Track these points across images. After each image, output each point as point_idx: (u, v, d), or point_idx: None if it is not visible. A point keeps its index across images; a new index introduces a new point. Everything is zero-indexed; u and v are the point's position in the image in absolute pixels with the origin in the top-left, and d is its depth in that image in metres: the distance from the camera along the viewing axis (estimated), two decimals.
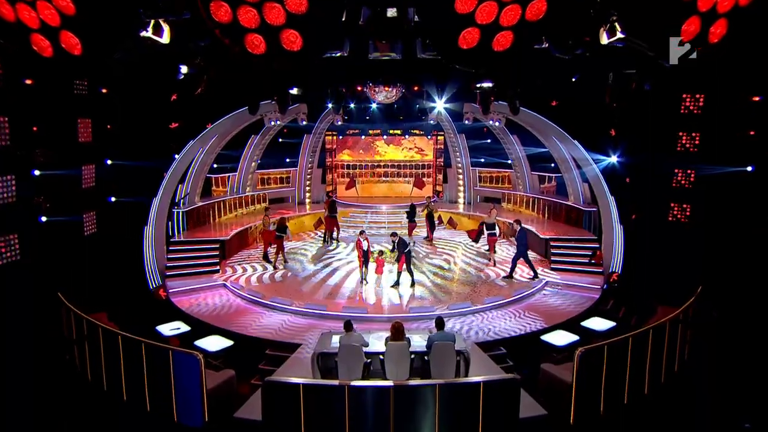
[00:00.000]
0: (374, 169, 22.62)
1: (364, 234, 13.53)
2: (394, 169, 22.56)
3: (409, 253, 13.16)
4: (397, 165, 22.49)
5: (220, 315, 11.48)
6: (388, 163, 22.52)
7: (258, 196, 19.84)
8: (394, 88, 16.17)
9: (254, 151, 19.43)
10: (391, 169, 22.57)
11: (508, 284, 13.20)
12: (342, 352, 8.02)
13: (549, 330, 10.22)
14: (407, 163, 22.42)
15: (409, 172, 22.48)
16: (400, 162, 22.46)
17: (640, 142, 13.50)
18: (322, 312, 11.40)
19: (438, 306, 11.70)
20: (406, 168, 22.49)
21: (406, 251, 13.03)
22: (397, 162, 22.48)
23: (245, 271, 14.63)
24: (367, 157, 22.52)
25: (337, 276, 14.08)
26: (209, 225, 17.11)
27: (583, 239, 15.18)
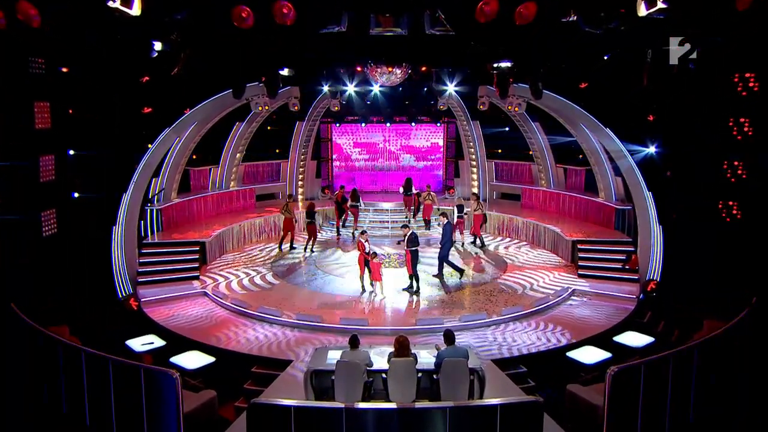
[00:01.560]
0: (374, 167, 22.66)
1: (365, 234, 13.53)
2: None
3: (416, 252, 13.12)
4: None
5: (199, 328, 11.47)
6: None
7: (244, 191, 19.86)
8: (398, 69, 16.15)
9: (239, 140, 19.41)
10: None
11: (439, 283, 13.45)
12: (339, 370, 7.98)
13: (576, 346, 10.17)
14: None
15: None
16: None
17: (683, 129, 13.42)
18: (316, 324, 11.38)
19: (448, 317, 11.67)
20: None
21: (413, 249, 12.99)
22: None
23: (229, 277, 14.63)
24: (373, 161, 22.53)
25: (334, 282, 14.07)
26: (188, 225, 17.11)
27: (616, 241, 15.14)
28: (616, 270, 14.11)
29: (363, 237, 13.36)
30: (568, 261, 15.65)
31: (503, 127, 21.10)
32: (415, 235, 13.20)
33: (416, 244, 13.12)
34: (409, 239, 13.13)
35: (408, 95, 21.29)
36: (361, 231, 13.69)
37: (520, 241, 18.07)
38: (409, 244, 13.08)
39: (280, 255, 16.33)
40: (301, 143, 21.27)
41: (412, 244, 13.04)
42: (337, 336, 10.86)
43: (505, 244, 17.76)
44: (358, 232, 15.79)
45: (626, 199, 15.87)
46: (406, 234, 13.20)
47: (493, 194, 21.26)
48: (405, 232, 13.26)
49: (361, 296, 13.11)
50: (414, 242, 13.08)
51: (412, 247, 13.04)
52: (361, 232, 13.64)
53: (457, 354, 8.08)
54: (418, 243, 13.21)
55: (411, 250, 13.05)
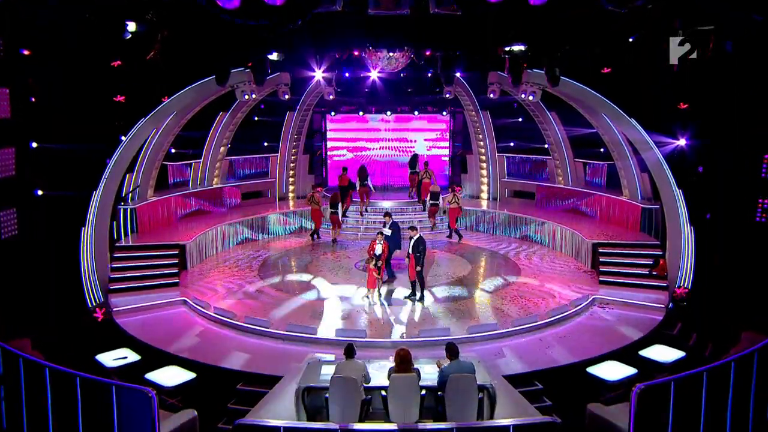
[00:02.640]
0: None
1: (381, 236, 13.52)
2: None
3: (422, 255, 13.06)
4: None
5: (178, 340, 11.45)
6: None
7: (228, 189, 19.82)
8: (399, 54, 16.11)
9: (223, 132, 19.38)
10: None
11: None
12: (334, 387, 7.95)
13: (598, 360, 10.11)
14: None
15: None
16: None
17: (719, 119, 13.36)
18: (309, 336, 11.36)
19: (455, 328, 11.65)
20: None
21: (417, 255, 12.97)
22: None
23: (212, 284, 14.59)
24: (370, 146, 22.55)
25: (329, 289, 14.04)
26: (166, 226, 17.10)
27: (642, 244, 15.12)
28: (642, 276, 14.08)
29: (379, 238, 13.34)
30: (588, 266, 15.62)
31: (516, 117, 21.05)
32: (422, 239, 13.15)
33: (422, 249, 13.06)
34: (415, 243, 13.08)
35: (410, 82, 21.24)
36: (378, 232, 13.65)
37: (535, 244, 18.04)
38: (414, 249, 13.04)
39: (311, 242, 18.19)
40: (292, 135, 21.23)
41: (417, 249, 13.01)
42: (332, 349, 10.83)
43: (518, 248, 17.73)
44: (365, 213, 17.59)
45: (653, 198, 15.85)
46: (413, 237, 13.14)
47: (505, 192, 21.24)
48: (411, 235, 13.19)
49: (366, 302, 13.20)
50: (419, 247, 13.04)
51: (417, 252, 13.01)
52: (378, 233, 13.61)
53: (463, 369, 8.05)
54: (425, 249, 13.15)
55: (415, 255, 13.02)
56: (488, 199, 21.24)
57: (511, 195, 21.16)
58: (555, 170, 20.01)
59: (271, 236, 19.02)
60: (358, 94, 21.48)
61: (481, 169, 21.53)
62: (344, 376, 8.00)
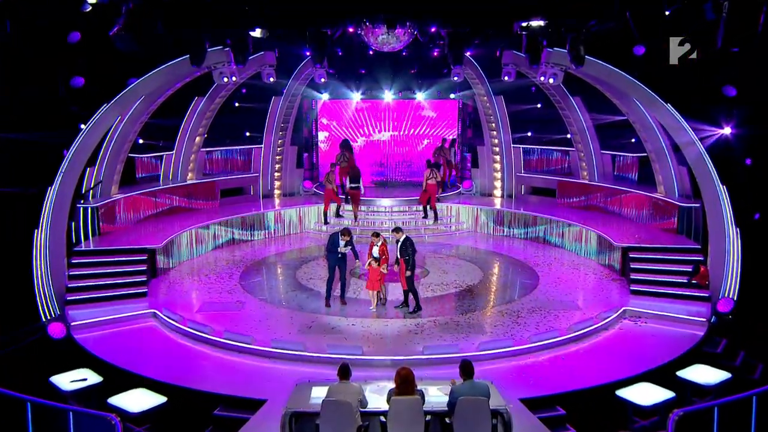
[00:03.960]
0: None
1: (381, 236, 13.46)
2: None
3: (411, 258, 12.95)
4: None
5: (147, 359, 11.41)
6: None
7: (204, 185, 19.79)
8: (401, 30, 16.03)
9: (199, 120, 19.33)
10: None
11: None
12: (326, 412, 7.91)
13: (629, 382, 10.06)
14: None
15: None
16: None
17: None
18: (297, 353, 11.35)
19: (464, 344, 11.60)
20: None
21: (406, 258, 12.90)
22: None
23: (187, 294, 14.54)
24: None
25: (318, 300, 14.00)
26: (132, 227, 17.04)
27: (680, 249, 15.11)
28: (680, 285, 14.04)
29: (377, 239, 13.26)
30: (617, 273, 15.59)
31: (534, 103, 20.96)
32: (410, 240, 13.10)
33: (411, 252, 13.00)
34: (402, 246, 13.02)
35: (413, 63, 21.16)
36: (375, 233, 13.60)
37: (555, 248, 18.01)
38: (402, 252, 12.98)
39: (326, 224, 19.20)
40: (278, 124, 21.18)
41: (406, 252, 12.94)
42: (323, 368, 10.78)
43: (536, 252, 17.71)
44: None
45: (693, 195, 15.79)
46: (399, 239, 13.07)
47: (521, 188, 21.20)
48: (397, 237, 13.10)
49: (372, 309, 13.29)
50: (407, 249, 12.96)
51: (405, 255, 12.95)
52: (374, 234, 13.56)
53: (475, 391, 8.02)
54: (414, 251, 13.09)
55: (404, 259, 12.96)
56: (502, 197, 21.19)
57: (528, 192, 21.11)
58: (579, 163, 19.95)
59: (255, 239, 19.00)
60: (354, 76, 21.35)
61: (494, 162, 21.47)
62: (338, 399, 7.96)
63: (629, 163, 19.06)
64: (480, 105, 21.37)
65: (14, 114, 13.25)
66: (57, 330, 12.25)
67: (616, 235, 16.18)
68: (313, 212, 20.11)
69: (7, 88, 13.29)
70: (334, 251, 13.40)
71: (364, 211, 20.01)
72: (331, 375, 9.26)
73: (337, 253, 13.39)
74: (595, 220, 17.64)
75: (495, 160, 21.44)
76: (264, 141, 21.16)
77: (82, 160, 14.22)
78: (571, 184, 19.86)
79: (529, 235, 18.91)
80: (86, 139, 14.13)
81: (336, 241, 13.40)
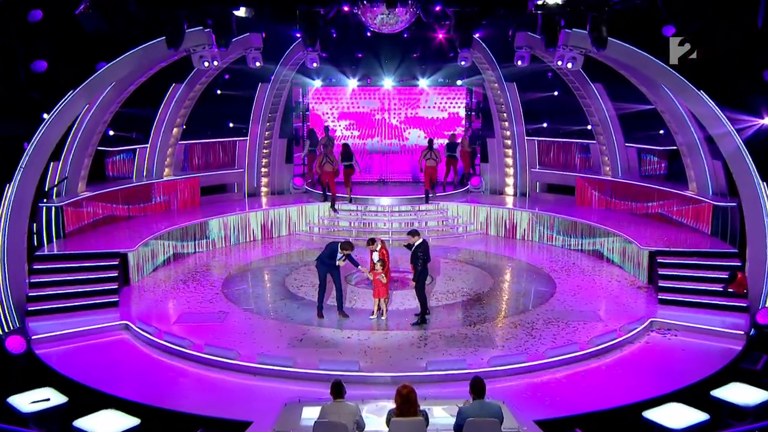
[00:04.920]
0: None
1: (376, 240, 13.52)
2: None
3: (423, 265, 13.06)
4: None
5: (118, 376, 11.38)
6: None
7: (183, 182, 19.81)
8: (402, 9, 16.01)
9: (177, 109, 19.34)
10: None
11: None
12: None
13: (657, 402, 10.03)
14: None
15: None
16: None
17: None
18: (286, 369, 11.34)
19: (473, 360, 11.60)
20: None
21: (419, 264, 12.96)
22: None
23: (163, 303, 14.55)
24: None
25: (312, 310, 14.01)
26: (102, 229, 17.03)
27: (714, 253, 15.11)
28: (714, 294, 14.03)
29: (373, 246, 13.36)
30: (643, 280, 15.62)
31: (550, 91, 20.99)
32: (424, 246, 13.13)
33: (425, 258, 13.05)
34: (415, 251, 13.06)
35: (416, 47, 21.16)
36: (370, 239, 13.62)
37: (574, 252, 18.07)
38: (415, 259, 13.03)
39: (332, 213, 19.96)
40: (265, 114, 21.19)
41: (420, 258, 13.00)
42: (315, 386, 10.75)
43: (553, 257, 17.74)
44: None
45: (729, 193, 15.81)
46: (414, 243, 13.11)
47: (535, 185, 21.23)
48: (412, 241, 13.15)
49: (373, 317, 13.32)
50: (422, 256, 13.02)
51: (420, 262, 13.01)
52: (369, 240, 13.61)
53: (486, 412, 8.01)
54: (427, 258, 13.15)
55: (414, 266, 13.04)
56: (514, 195, 21.25)
57: (543, 189, 21.16)
58: (600, 158, 19.97)
59: (239, 242, 19.05)
60: (350, 61, 21.35)
61: (506, 156, 21.48)
62: (331, 421, 7.95)
63: (657, 157, 19.07)
64: (490, 93, 21.37)
65: None
66: (16, 344, 12.16)
67: (642, 237, 16.18)
68: (305, 212, 20.14)
69: None
70: (327, 263, 13.38)
71: (361, 211, 20.01)
72: (323, 393, 9.23)
73: (331, 265, 13.40)
74: (618, 221, 17.64)
75: (506, 154, 21.44)
76: (249, 133, 21.18)
77: (45, 154, 14.18)
78: (592, 180, 19.88)
79: (544, 238, 18.95)
80: (49, 130, 14.09)
81: (334, 252, 13.35)
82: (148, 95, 18.14)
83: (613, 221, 17.68)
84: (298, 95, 22.55)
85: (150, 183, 18.99)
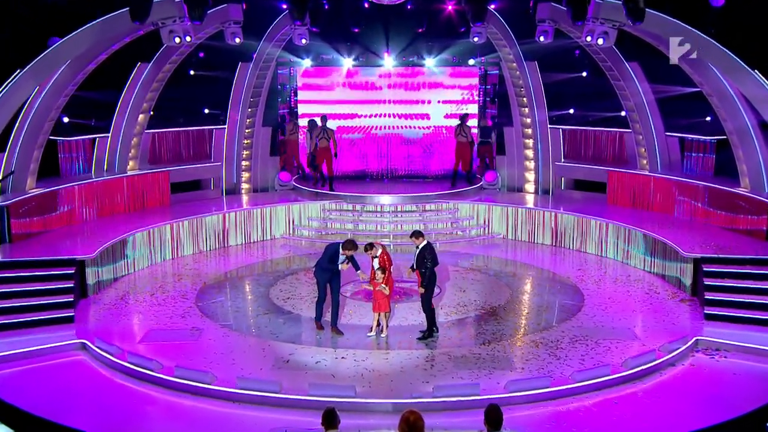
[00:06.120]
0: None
1: (375, 245, 13.52)
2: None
3: (433, 279, 13.08)
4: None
5: (74, 404, 11.34)
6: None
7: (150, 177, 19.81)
8: None
9: (143, 93, 19.37)
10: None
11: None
12: None
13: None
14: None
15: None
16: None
17: None
18: (270, 395, 11.29)
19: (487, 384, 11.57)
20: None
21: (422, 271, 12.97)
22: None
23: (126, 319, 14.52)
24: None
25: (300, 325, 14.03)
26: (55, 232, 17.02)
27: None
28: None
29: (372, 251, 13.38)
30: (687, 292, 15.59)
31: (578, 71, 20.99)
32: (430, 248, 13.11)
33: (430, 264, 13.03)
34: (420, 255, 13.05)
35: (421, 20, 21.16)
36: (368, 244, 13.63)
37: (605, 258, 18.09)
38: (419, 264, 13.01)
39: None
40: (247, 98, 21.21)
41: (422, 263, 12.97)
42: (304, 414, 10.76)
43: (581, 265, 17.76)
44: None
45: None
46: (419, 245, 13.11)
47: (560, 182, 21.25)
48: (416, 243, 13.14)
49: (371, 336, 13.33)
50: (429, 259, 12.99)
51: (422, 268, 13.00)
52: (367, 246, 13.65)
53: None
54: (436, 262, 13.12)
55: (421, 272, 13.03)
56: (535, 193, 21.31)
57: (569, 186, 21.23)
58: (636, 149, 20.00)
59: (216, 247, 19.08)
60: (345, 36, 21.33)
61: (526, 148, 21.50)
62: None
63: (702, 148, 19.07)
64: (507, 74, 21.38)
65: None
66: None
67: (686, 241, 16.17)
68: (291, 212, 20.14)
69: None
70: (328, 268, 13.37)
71: (358, 211, 19.99)
72: (314, 423, 9.23)
73: (332, 270, 13.38)
74: (657, 223, 17.65)
75: (526, 145, 21.45)
76: (228, 120, 21.24)
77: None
78: (627, 176, 19.89)
79: (570, 243, 18.96)
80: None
81: (335, 254, 13.33)
82: (109, 76, 18.17)
83: (651, 223, 17.68)
84: (284, 77, 22.54)
85: (112, 178, 19.00)
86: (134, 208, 19.26)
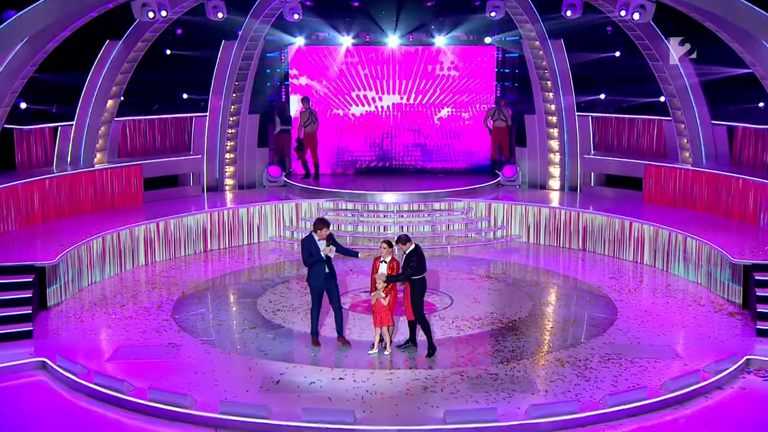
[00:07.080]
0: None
1: (386, 247, 13.46)
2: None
3: (422, 285, 13.09)
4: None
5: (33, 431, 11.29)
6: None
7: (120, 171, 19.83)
8: None
9: (112, 75, 19.41)
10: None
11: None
12: None
13: None
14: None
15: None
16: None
17: None
18: (258, 421, 11.28)
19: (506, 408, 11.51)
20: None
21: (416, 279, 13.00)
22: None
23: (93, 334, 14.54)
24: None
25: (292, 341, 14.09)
26: (11, 234, 17.13)
27: None
28: None
29: (385, 252, 13.34)
30: (736, 303, 15.58)
31: (610, 51, 21.09)
32: (418, 252, 13.12)
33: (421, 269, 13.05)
34: (407, 261, 13.06)
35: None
36: (403, 236, 13.59)
37: (640, 265, 18.14)
38: (408, 269, 13.02)
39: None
40: (231, 82, 21.27)
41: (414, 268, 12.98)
42: None
43: (613, 273, 17.76)
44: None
45: None
46: (406, 251, 13.12)
47: (590, 177, 21.32)
48: (404, 249, 13.16)
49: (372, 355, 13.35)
50: (416, 267, 13.00)
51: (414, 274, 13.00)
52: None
53: None
54: (422, 265, 13.11)
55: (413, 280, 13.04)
56: (561, 190, 21.40)
57: (600, 182, 21.32)
58: (678, 140, 20.01)
59: (196, 252, 19.14)
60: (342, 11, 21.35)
61: (550, 138, 21.57)
62: None
63: (753, 138, 19.05)
64: (529, 54, 21.42)
65: None
66: None
67: (735, 247, 16.18)
68: (281, 211, 20.19)
69: None
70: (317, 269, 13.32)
71: (359, 211, 19.98)
72: None
73: (323, 267, 13.32)
74: (702, 225, 17.68)
75: (550, 135, 21.51)
76: (210, 107, 21.32)
77: None
78: (666, 170, 19.94)
79: (601, 248, 19.00)
80: None
81: (311, 244, 13.31)
82: (73, 56, 18.19)
83: (695, 225, 17.69)
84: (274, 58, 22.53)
85: (76, 173, 19.06)
86: (102, 207, 19.33)
